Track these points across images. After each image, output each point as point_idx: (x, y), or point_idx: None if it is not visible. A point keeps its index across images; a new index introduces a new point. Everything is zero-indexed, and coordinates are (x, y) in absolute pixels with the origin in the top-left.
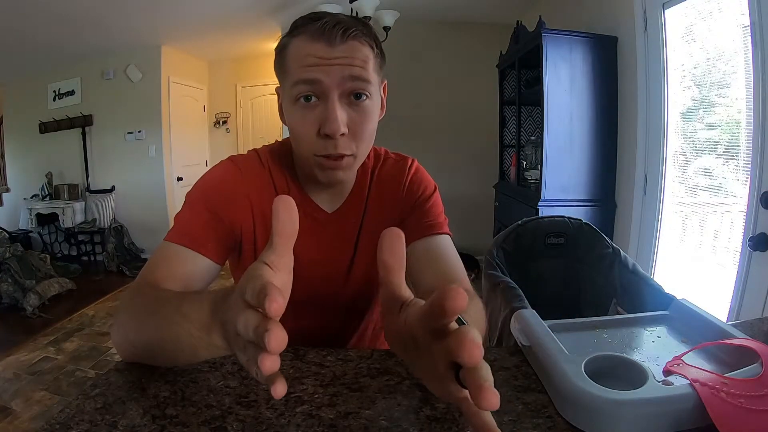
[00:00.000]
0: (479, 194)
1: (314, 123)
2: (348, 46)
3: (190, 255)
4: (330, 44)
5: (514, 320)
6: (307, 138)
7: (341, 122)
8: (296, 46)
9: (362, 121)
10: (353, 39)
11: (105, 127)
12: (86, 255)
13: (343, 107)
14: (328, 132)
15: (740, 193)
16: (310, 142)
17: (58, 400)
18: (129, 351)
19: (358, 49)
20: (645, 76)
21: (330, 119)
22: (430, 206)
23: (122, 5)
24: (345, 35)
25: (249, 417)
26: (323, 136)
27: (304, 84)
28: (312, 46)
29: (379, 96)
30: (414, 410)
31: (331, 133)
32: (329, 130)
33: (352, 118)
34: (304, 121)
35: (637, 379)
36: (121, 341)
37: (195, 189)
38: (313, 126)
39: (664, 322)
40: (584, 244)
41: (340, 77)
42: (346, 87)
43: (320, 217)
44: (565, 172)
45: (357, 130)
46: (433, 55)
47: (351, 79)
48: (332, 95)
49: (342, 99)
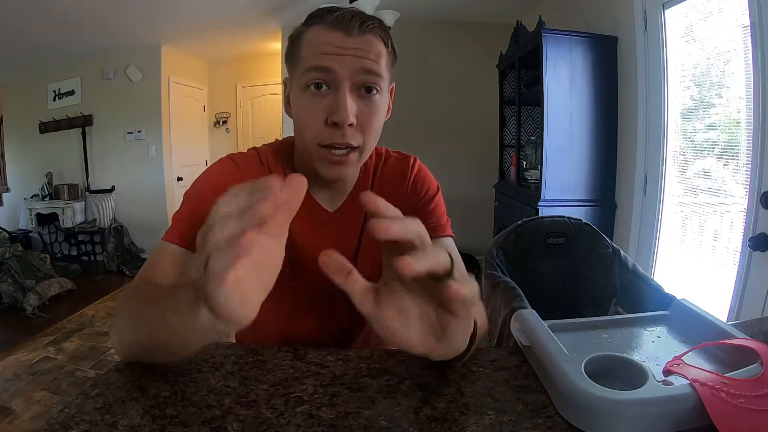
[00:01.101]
0: (479, 194)
1: (323, 111)
2: (364, 39)
3: (186, 255)
4: (347, 34)
5: (514, 320)
6: (314, 126)
7: (351, 112)
8: (312, 34)
9: (371, 115)
10: (370, 32)
11: (105, 127)
12: (86, 255)
13: (353, 98)
14: (337, 120)
15: (740, 193)
16: (317, 131)
17: (58, 400)
18: (127, 349)
19: (373, 43)
20: (645, 76)
21: (340, 108)
22: (434, 207)
23: (122, 5)
24: (362, 27)
25: (249, 417)
26: (331, 124)
27: (316, 71)
28: (329, 34)
29: (387, 94)
30: (414, 410)
31: (340, 122)
32: (338, 119)
33: (362, 110)
34: (312, 108)
35: (637, 379)
36: (119, 340)
37: (193, 187)
38: (322, 114)
39: (664, 322)
40: (584, 244)
41: (353, 68)
42: (357, 79)
43: (322, 216)
44: (565, 172)
45: (365, 123)
46: (433, 55)
47: (363, 71)
48: (344, 85)
49: (353, 91)
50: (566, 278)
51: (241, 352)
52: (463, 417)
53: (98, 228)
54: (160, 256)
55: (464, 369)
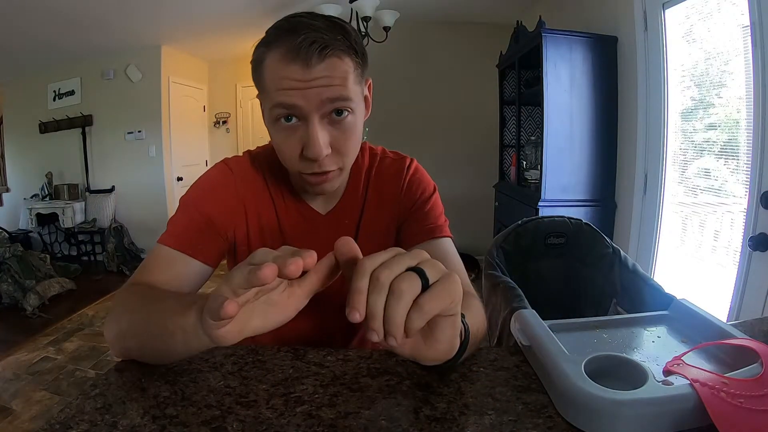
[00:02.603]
0: (479, 194)
1: (297, 144)
2: (326, 65)
3: (181, 258)
4: (307, 65)
5: (514, 320)
6: (291, 157)
7: (323, 145)
8: (272, 66)
9: (345, 138)
10: (331, 56)
11: (105, 127)
12: (86, 255)
13: (324, 128)
14: (311, 156)
15: (740, 193)
16: (294, 161)
17: (58, 400)
18: (121, 346)
19: (337, 66)
20: (645, 76)
21: (312, 144)
22: (430, 208)
23: (122, 5)
24: (322, 54)
25: (249, 417)
26: (306, 158)
27: (282, 108)
28: (288, 68)
29: (362, 105)
30: (414, 410)
31: (314, 157)
32: (311, 155)
33: (335, 136)
34: (286, 141)
35: (637, 379)
36: (113, 337)
37: (189, 193)
38: (296, 147)
39: (664, 322)
40: (584, 244)
41: (319, 100)
42: (325, 109)
43: (314, 219)
44: (565, 172)
45: (341, 147)
46: (432, 55)
47: (330, 101)
48: (312, 118)
49: (323, 118)
50: (566, 278)
51: (241, 352)
52: (463, 417)
53: (98, 228)
54: (154, 259)
55: (464, 369)
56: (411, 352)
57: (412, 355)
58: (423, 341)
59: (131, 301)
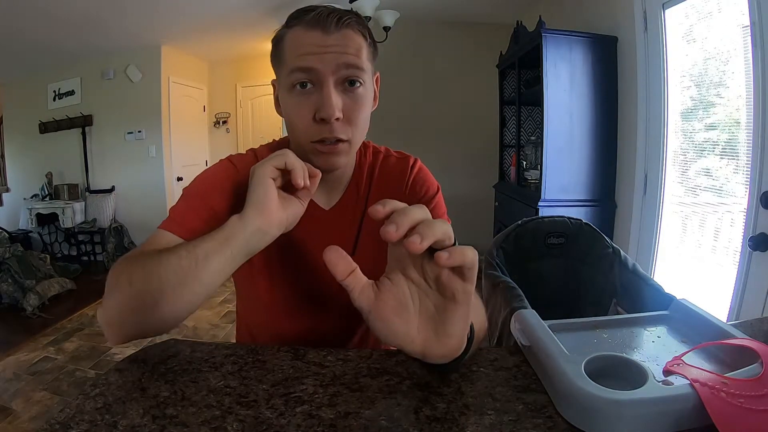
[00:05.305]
0: (479, 194)
1: (310, 109)
2: (342, 35)
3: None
4: (325, 32)
5: (514, 320)
6: (304, 124)
7: (336, 107)
8: (292, 36)
9: (357, 107)
10: (347, 27)
11: (105, 127)
12: (86, 255)
13: (338, 93)
14: (324, 116)
15: (740, 193)
16: (307, 128)
17: (58, 400)
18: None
19: (352, 37)
20: (645, 76)
21: (325, 104)
22: (433, 208)
23: (122, 5)
24: (339, 23)
25: (249, 417)
26: (319, 121)
27: (300, 72)
28: (307, 34)
29: (372, 85)
30: (414, 410)
31: (327, 117)
32: (325, 115)
33: (347, 104)
34: (300, 107)
35: (637, 379)
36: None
37: (192, 184)
38: (309, 112)
39: (664, 322)
40: (584, 244)
41: (335, 64)
42: (340, 74)
43: (317, 214)
44: (565, 172)
45: (351, 116)
46: (433, 55)
47: (345, 66)
48: (327, 82)
49: (337, 86)
50: (566, 278)
51: (241, 352)
52: (463, 417)
53: (98, 228)
54: (153, 242)
55: (464, 369)
56: (422, 348)
57: (422, 351)
58: (434, 336)
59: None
